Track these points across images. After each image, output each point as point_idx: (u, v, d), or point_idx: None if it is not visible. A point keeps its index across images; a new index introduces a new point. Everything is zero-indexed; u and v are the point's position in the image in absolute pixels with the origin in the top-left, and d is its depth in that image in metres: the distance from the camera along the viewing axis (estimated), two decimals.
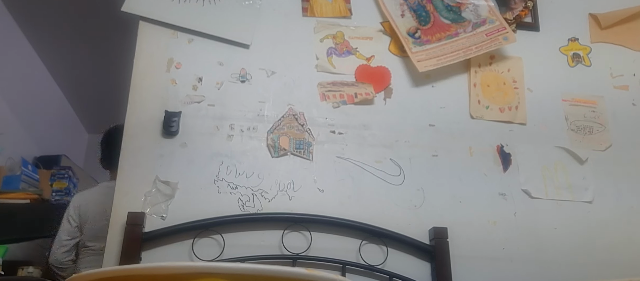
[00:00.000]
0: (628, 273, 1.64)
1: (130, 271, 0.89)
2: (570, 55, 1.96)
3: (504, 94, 1.86)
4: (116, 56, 2.69)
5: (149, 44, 1.74)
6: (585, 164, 1.80)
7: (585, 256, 1.67)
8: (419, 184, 1.69)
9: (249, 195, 1.60)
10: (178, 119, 1.64)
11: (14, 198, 3.11)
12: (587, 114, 1.88)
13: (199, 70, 1.73)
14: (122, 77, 1.85)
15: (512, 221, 1.69)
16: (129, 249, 1.45)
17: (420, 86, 1.82)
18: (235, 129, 1.67)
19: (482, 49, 1.82)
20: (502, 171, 1.75)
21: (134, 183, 1.57)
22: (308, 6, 1.87)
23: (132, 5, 1.76)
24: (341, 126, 1.73)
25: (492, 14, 1.89)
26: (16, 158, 3.56)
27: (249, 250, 1.51)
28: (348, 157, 1.69)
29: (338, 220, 1.58)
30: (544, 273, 1.63)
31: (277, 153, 1.66)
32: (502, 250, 1.65)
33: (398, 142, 1.74)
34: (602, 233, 1.72)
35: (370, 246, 1.58)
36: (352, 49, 1.83)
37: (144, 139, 1.62)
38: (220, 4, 1.81)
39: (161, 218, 1.54)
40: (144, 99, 1.67)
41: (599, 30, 2.01)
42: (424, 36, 1.84)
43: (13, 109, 3.68)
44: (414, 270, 1.57)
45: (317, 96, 1.76)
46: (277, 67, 1.77)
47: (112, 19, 2.24)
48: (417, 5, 1.90)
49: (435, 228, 1.60)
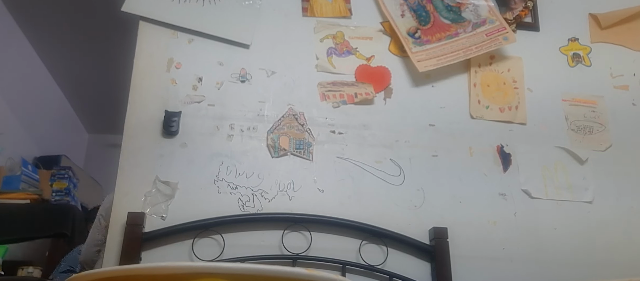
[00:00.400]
0: (628, 273, 1.64)
1: (130, 271, 0.89)
2: (570, 55, 1.96)
3: (504, 94, 1.86)
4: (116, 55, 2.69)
5: (149, 44, 1.74)
6: (585, 164, 1.80)
7: (585, 256, 1.67)
8: (419, 184, 1.69)
9: (249, 195, 1.60)
10: (178, 119, 1.64)
11: (14, 198, 3.11)
12: (587, 114, 1.88)
13: (199, 70, 1.73)
14: (122, 77, 1.85)
15: (512, 221, 1.69)
16: (129, 249, 1.45)
17: (420, 86, 1.82)
18: (235, 129, 1.67)
19: (482, 49, 1.82)
20: (502, 171, 1.75)
21: (134, 183, 1.57)
22: (308, 6, 1.87)
23: (132, 5, 1.76)
24: (341, 126, 1.73)
25: (492, 14, 1.89)
26: (16, 158, 3.56)
27: (249, 250, 1.51)
28: (348, 157, 1.69)
29: (338, 220, 1.58)
30: (544, 273, 1.63)
31: (277, 153, 1.66)
32: (502, 250, 1.65)
33: (398, 142, 1.74)
34: (602, 233, 1.72)
35: (370, 246, 1.58)
36: (352, 49, 1.83)
37: (144, 139, 1.62)
38: (220, 4, 1.81)
39: (161, 218, 1.54)
40: (144, 99, 1.67)
41: (599, 30, 2.01)
42: (424, 36, 1.84)
43: (13, 109, 3.68)
44: (414, 270, 1.57)
45: (317, 96, 1.76)
46: (277, 67, 1.77)
47: (112, 19, 2.24)
48: (417, 5, 1.90)
49: (435, 228, 1.60)
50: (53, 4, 3.37)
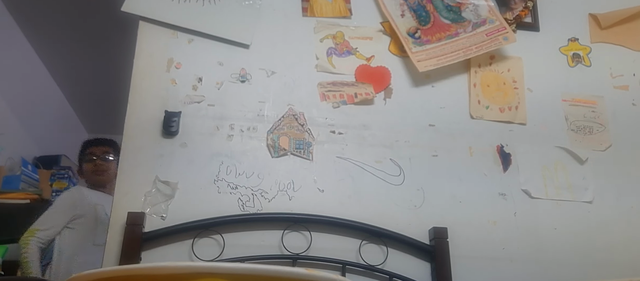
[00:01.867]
0: (628, 273, 1.64)
1: (130, 271, 0.90)
2: (570, 55, 1.96)
3: (504, 94, 1.86)
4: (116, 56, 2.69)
5: (149, 44, 1.74)
6: (585, 164, 1.80)
7: (585, 256, 1.67)
8: (419, 184, 1.69)
9: (249, 195, 1.60)
10: (178, 119, 1.64)
11: (14, 198, 3.11)
12: (587, 114, 1.88)
13: (199, 70, 1.73)
14: (122, 77, 1.85)
15: (512, 221, 1.69)
16: (129, 249, 1.45)
17: (420, 86, 1.82)
18: (235, 129, 1.67)
19: (482, 49, 1.82)
20: (502, 171, 1.75)
21: (134, 183, 1.57)
22: (308, 6, 1.87)
23: (132, 5, 1.76)
24: (341, 126, 1.73)
25: (492, 14, 1.89)
26: (16, 158, 3.56)
27: (249, 250, 1.51)
28: (348, 157, 1.69)
29: (338, 220, 1.58)
30: (544, 273, 1.63)
31: (277, 153, 1.66)
32: (502, 250, 1.65)
33: (398, 142, 1.74)
34: (602, 233, 1.72)
35: (370, 246, 1.58)
36: (352, 49, 1.83)
37: (144, 139, 1.62)
38: (220, 4, 1.81)
39: (161, 218, 1.54)
40: (144, 99, 1.67)
41: (599, 30, 2.01)
42: (424, 36, 1.84)
43: (13, 109, 3.68)
44: (414, 270, 1.57)
45: (317, 96, 1.76)
46: (277, 67, 1.77)
47: (112, 19, 2.24)
48: (417, 5, 1.90)
49: (435, 228, 1.60)
50: (53, 4, 3.37)
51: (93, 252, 2.20)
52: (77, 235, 2.29)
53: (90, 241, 2.27)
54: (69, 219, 2.33)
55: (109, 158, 2.51)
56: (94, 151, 2.52)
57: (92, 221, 2.31)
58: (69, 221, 2.33)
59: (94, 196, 2.40)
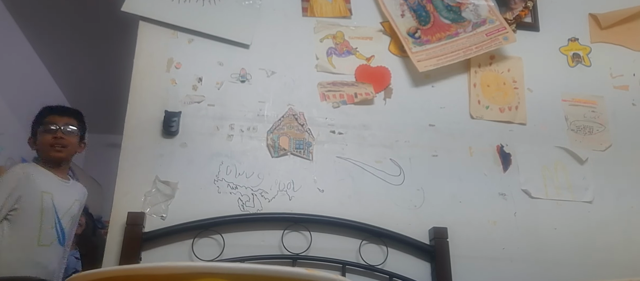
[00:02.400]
0: (628, 273, 1.63)
1: (130, 271, 0.89)
2: (570, 55, 1.96)
3: (504, 94, 1.86)
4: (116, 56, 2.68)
5: (149, 44, 1.74)
6: (585, 164, 1.80)
7: (585, 256, 1.67)
8: (419, 184, 1.69)
9: (249, 195, 1.60)
10: (178, 119, 1.64)
11: None
12: (587, 114, 1.88)
13: (199, 70, 1.73)
14: (122, 77, 1.85)
15: (512, 221, 1.69)
16: (129, 249, 1.45)
17: (420, 86, 1.82)
18: (235, 129, 1.67)
19: (482, 49, 1.82)
20: (502, 171, 1.75)
21: (134, 183, 1.57)
22: (308, 6, 1.87)
23: (132, 5, 1.76)
24: (341, 126, 1.73)
25: (492, 14, 1.89)
26: (16, 158, 3.55)
27: (249, 250, 1.51)
28: (348, 157, 1.69)
29: (338, 220, 1.58)
30: (544, 273, 1.63)
31: (277, 153, 1.66)
32: (502, 250, 1.65)
33: (398, 142, 1.73)
34: (602, 233, 1.72)
35: (370, 246, 1.58)
36: (352, 49, 1.83)
37: (144, 139, 1.62)
38: (220, 4, 1.81)
39: (161, 218, 1.54)
40: (144, 99, 1.67)
41: (599, 30, 2.01)
42: (424, 36, 1.84)
43: (13, 109, 3.68)
44: (414, 270, 1.57)
45: (317, 96, 1.76)
46: (277, 67, 1.77)
47: (112, 19, 2.24)
48: (417, 5, 1.90)
49: (435, 228, 1.60)
50: (53, 5, 3.37)
51: (38, 254, 1.68)
52: (18, 230, 1.67)
53: (34, 240, 1.69)
54: (9, 208, 1.74)
55: (72, 129, 1.90)
56: (56, 119, 1.92)
57: (37, 212, 1.73)
58: (9, 211, 1.74)
59: (44, 179, 1.78)
